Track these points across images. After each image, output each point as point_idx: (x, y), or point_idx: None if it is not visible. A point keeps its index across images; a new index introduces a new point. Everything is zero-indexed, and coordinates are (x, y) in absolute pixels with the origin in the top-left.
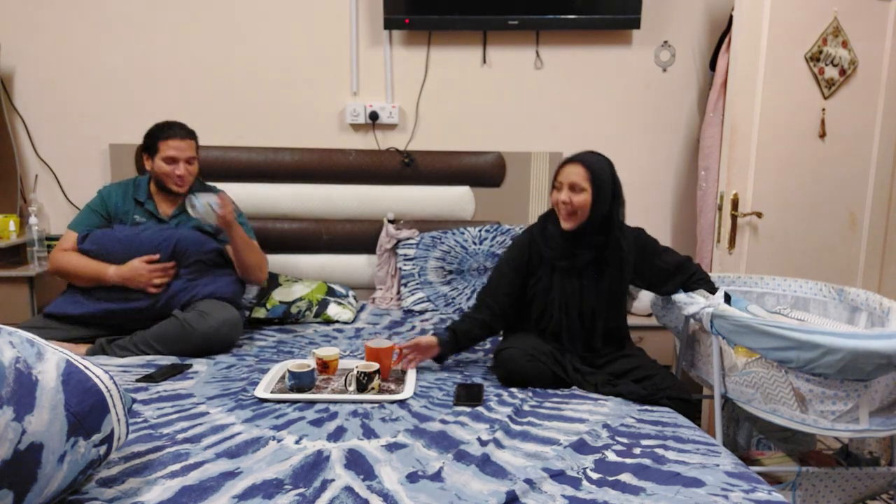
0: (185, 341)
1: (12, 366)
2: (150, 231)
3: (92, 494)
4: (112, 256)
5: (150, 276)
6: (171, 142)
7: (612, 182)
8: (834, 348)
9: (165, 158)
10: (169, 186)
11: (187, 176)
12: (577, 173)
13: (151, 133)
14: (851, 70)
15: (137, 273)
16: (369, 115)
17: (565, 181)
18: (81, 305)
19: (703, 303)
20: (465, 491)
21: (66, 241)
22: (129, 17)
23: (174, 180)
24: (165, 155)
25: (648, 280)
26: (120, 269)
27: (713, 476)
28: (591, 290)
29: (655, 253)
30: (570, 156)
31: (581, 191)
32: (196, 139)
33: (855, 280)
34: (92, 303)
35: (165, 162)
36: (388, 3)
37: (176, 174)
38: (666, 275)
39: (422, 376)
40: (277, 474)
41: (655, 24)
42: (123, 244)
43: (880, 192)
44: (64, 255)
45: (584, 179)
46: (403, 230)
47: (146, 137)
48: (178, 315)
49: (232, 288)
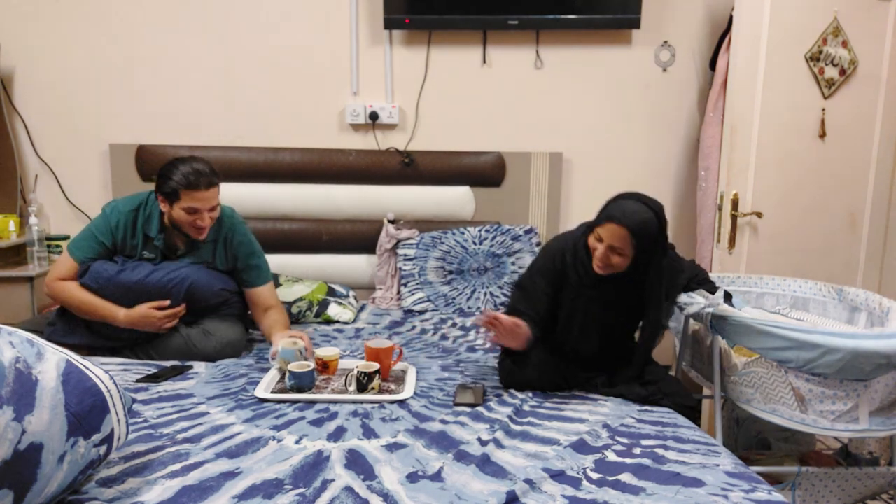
0: (187, 358)
1: (12, 366)
2: (158, 274)
3: (92, 494)
4: (115, 298)
5: (161, 322)
6: (197, 193)
7: (657, 236)
8: (834, 348)
9: (187, 209)
10: (187, 232)
11: (209, 224)
12: (621, 237)
13: (170, 177)
14: (851, 70)
15: (148, 321)
16: (369, 115)
17: (606, 239)
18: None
19: (703, 303)
20: (465, 491)
21: (63, 267)
22: (130, 18)
23: (195, 230)
24: (188, 206)
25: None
26: (130, 315)
27: (713, 476)
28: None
29: (679, 273)
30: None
31: (621, 254)
32: (219, 184)
33: (855, 280)
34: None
35: (187, 212)
36: (388, 3)
37: (198, 224)
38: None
39: (422, 376)
40: (277, 474)
41: (655, 24)
42: (131, 290)
43: (880, 192)
44: (65, 287)
45: (627, 244)
46: (403, 230)
47: (164, 179)
48: (183, 332)
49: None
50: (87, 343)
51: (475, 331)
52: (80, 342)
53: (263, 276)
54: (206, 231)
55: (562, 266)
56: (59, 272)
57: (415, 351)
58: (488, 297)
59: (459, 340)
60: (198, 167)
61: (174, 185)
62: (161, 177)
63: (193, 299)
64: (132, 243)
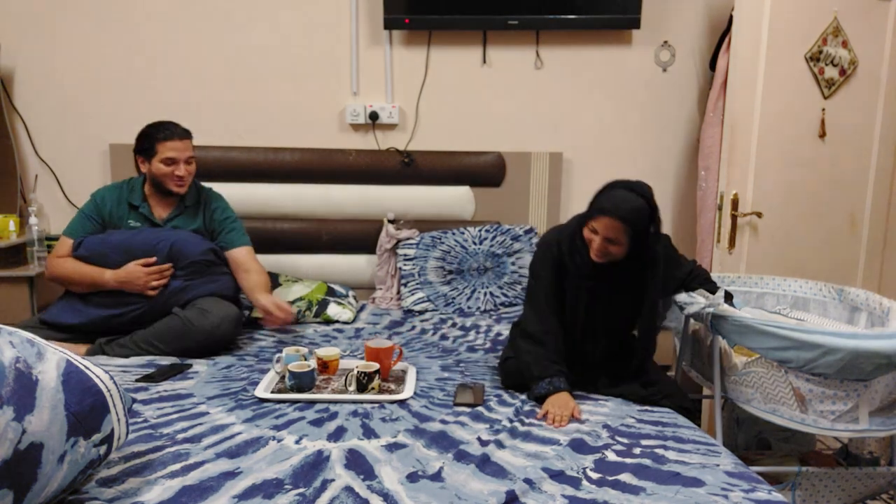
0: (186, 339)
1: (12, 366)
2: (144, 234)
3: (92, 494)
4: (107, 261)
5: (147, 278)
6: (170, 143)
7: (649, 221)
8: (834, 348)
9: (164, 160)
10: (169, 188)
11: (187, 176)
12: (615, 228)
13: (146, 134)
14: (851, 70)
15: (134, 276)
16: (369, 115)
17: (601, 231)
18: (79, 314)
19: (703, 303)
20: (465, 491)
21: (61, 248)
22: (129, 17)
23: (174, 181)
24: (164, 156)
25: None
26: (117, 274)
27: (713, 476)
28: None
29: (677, 264)
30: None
31: (617, 244)
32: (191, 138)
33: (855, 280)
34: (90, 309)
35: (164, 164)
36: (388, 3)
37: (176, 175)
38: (679, 283)
39: (422, 376)
40: (277, 474)
41: (655, 24)
42: (118, 249)
43: (880, 192)
44: (60, 261)
45: (622, 234)
46: (403, 230)
47: (141, 139)
48: (179, 313)
49: (231, 286)
50: (79, 320)
51: (475, 331)
52: (73, 320)
53: (241, 239)
54: (187, 182)
55: (559, 254)
56: (57, 252)
57: (415, 351)
58: (488, 297)
59: (459, 340)
60: (171, 123)
61: (151, 140)
62: (138, 139)
63: (178, 256)
64: (118, 214)
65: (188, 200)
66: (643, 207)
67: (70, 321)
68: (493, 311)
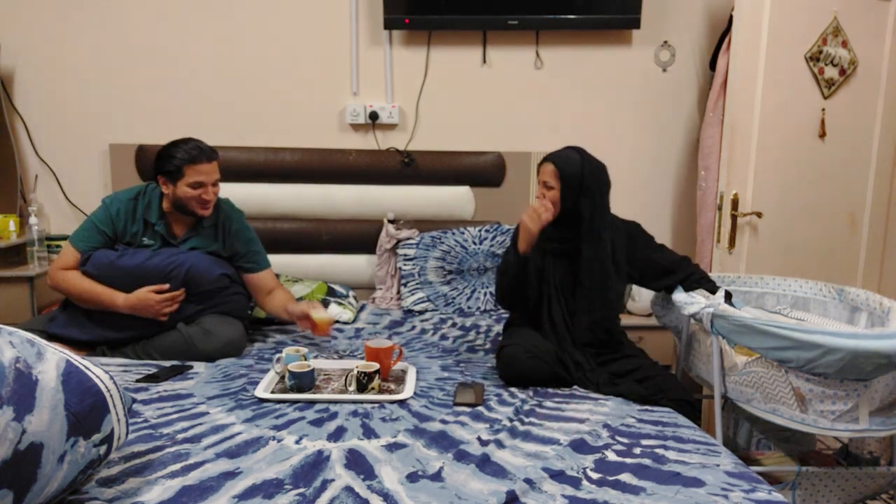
0: (187, 356)
1: (12, 366)
2: (157, 259)
3: (92, 494)
4: (115, 284)
5: (160, 306)
6: (199, 166)
7: (580, 177)
8: (834, 348)
9: (192, 184)
10: (194, 210)
11: (213, 199)
12: (547, 171)
13: (172, 156)
14: (851, 70)
15: (147, 304)
16: (369, 115)
17: (539, 177)
18: (87, 331)
19: (703, 303)
20: (465, 490)
21: (65, 258)
22: (129, 18)
23: (201, 205)
24: (192, 181)
25: (641, 272)
26: (128, 300)
27: (713, 476)
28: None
29: (649, 246)
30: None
31: (550, 188)
32: (219, 158)
33: (855, 280)
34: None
35: (191, 187)
36: (388, 3)
37: (203, 198)
38: (661, 270)
39: (422, 376)
40: (277, 474)
41: (655, 24)
42: (129, 274)
43: (880, 192)
44: (66, 275)
45: (553, 177)
46: (403, 230)
47: (166, 159)
48: (183, 331)
49: (241, 305)
50: (87, 337)
51: (475, 331)
52: (81, 336)
53: (264, 262)
54: (212, 206)
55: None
56: (62, 263)
57: (415, 351)
58: (488, 296)
59: (459, 340)
60: (198, 143)
61: (178, 163)
62: (162, 158)
63: (193, 283)
64: (132, 230)
65: (207, 221)
66: (575, 158)
67: (78, 337)
68: (493, 311)
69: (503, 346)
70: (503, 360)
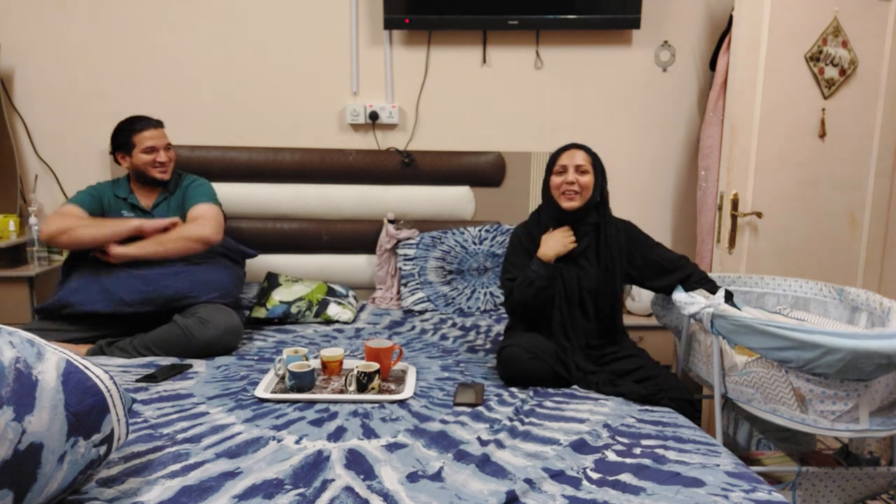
0: (185, 347)
1: (12, 366)
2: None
3: (92, 494)
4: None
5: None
6: (146, 132)
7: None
8: (834, 348)
9: (145, 150)
10: (153, 175)
11: (168, 162)
12: (582, 157)
13: (120, 130)
14: (851, 70)
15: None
16: (369, 115)
17: (570, 164)
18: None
19: (703, 303)
20: (465, 491)
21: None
22: (129, 17)
23: (157, 168)
24: (144, 146)
25: (641, 271)
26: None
27: (713, 476)
28: (588, 277)
29: (647, 245)
30: (565, 144)
31: (585, 172)
32: (164, 127)
33: (855, 280)
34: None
35: (145, 153)
36: (388, 3)
37: (158, 161)
38: (660, 269)
39: (422, 376)
40: (277, 474)
41: (655, 24)
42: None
43: (880, 192)
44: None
45: (588, 162)
46: (403, 230)
47: (116, 136)
48: (179, 322)
49: (231, 284)
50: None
51: (475, 331)
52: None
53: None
54: (169, 169)
55: (528, 239)
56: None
57: (415, 351)
58: (488, 296)
59: (459, 340)
60: (139, 116)
61: (126, 135)
62: (114, 137)
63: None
64: (114, 205)
65: (171, 187)
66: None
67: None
68: (493, 311)
69: (504, 346)
70: (504, 360)
